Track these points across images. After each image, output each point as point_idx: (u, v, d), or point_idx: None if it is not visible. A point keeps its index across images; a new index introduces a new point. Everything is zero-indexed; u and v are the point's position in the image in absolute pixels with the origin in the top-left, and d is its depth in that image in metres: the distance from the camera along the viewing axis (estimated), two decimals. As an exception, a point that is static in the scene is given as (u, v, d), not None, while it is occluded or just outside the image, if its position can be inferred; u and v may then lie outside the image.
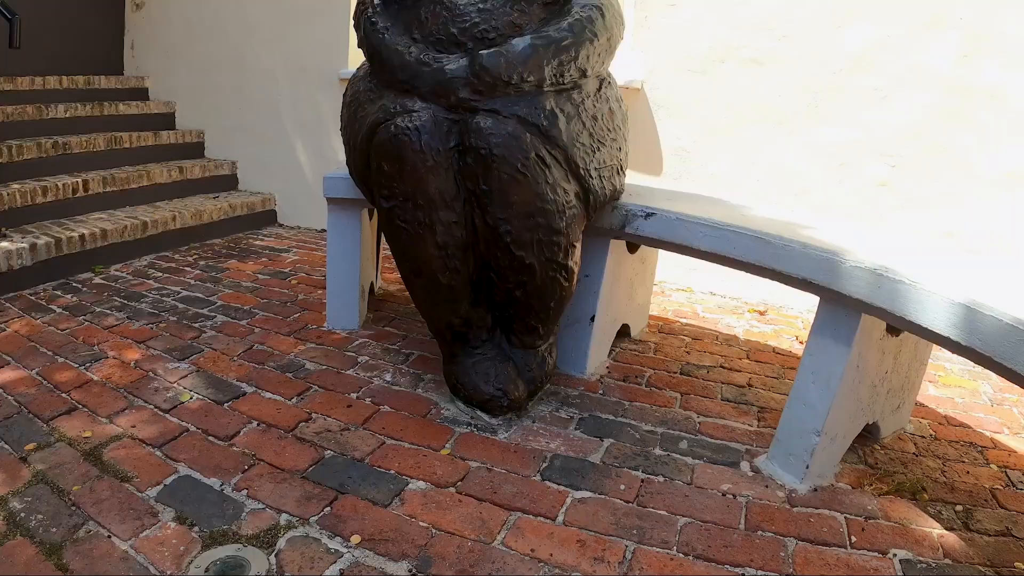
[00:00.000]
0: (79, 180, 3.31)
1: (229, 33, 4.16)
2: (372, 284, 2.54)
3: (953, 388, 2.26)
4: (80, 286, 2.79)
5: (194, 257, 3.24)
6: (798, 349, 2.45)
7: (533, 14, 1.75)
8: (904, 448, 1.81)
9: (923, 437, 1.88)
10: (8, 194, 3.02)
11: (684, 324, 2.64)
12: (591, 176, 1.76)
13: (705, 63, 2.99)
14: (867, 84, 2.81)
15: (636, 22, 3.08)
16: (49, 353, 2.11)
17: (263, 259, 3.22)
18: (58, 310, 2.50)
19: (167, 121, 4.30)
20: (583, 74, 1.75)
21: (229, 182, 4.12)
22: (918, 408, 2.04)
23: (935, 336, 1.36)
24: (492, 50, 1.64)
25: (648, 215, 1.89)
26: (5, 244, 2.76)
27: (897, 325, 1.48)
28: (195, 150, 4.22)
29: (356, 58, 3.64)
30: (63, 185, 3.24)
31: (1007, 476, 1.71)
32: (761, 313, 2.89)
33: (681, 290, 3.14)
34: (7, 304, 2.54)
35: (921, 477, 1.66)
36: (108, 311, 2.49)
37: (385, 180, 1.69)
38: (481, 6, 1.71)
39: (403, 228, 1.70)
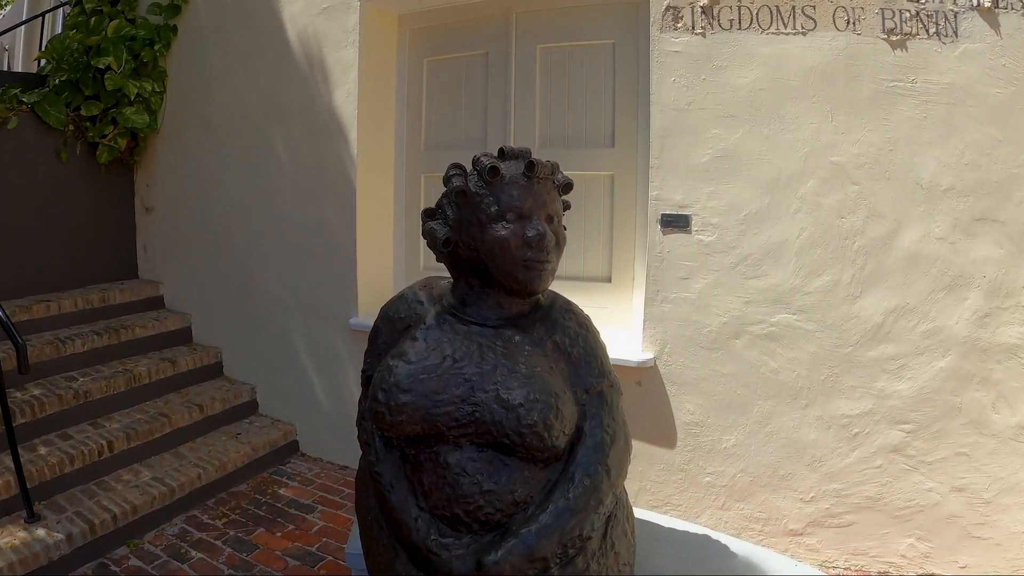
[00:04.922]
0: (104, 442, 3.39)
1: (237, 253, 4.19)
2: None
3: None
4: (117, 569, 2.90)
5: (223, 521, 3.30)
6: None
7: (536, 482, 1.75)
8: None
9: None
10: (37, 469, 3.10)
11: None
12: None
13: (718, 339, 3.03)
14: (884, 354, 2.84)
15: (647, 297, 3.12)
16: None
17: (290, 527, 3.28)
18: (100, 617, 2.60)
19: (184, 336, 4.36)
20: (587, 540, 1.77)
21: (249, 408, 4.13)
22: None
23: None
24: (496, 556, 1.66)
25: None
26: (41, 533, 2.85)
27: None
28: (213, 371, 4.26)
29: (364, 309, 3.71)
30: (88, 450, 3.32)
31: None
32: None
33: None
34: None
35: None
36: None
37: None
38: (485, 486, 1.72)
39: None
